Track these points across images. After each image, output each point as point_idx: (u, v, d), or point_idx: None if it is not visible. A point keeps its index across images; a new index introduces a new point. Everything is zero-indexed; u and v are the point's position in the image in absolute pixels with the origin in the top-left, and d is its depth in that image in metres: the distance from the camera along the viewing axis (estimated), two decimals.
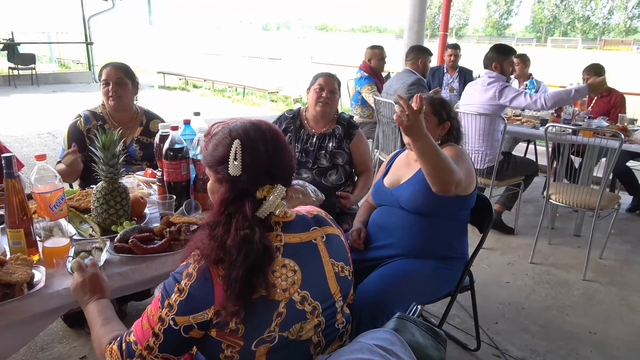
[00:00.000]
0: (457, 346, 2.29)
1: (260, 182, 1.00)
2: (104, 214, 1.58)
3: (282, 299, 1.00)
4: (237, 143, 0.99)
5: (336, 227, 1.18)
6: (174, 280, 0.99)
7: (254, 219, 0.98)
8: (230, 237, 0.96)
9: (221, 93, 11.84)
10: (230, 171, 0.99)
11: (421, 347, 1.01)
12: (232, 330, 0.97)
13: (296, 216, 1.11)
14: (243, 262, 0.94)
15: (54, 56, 16.96)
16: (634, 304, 2.71)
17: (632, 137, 3.32)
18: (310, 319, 1.04)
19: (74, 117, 2.37)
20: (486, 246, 3.39)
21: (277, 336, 1.00)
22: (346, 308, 1.19)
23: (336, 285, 1.11)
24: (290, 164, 1.06)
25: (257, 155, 1.00)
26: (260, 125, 1.05)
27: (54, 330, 2.28)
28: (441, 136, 1.93)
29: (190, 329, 0.97)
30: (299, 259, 1.04)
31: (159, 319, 0.98)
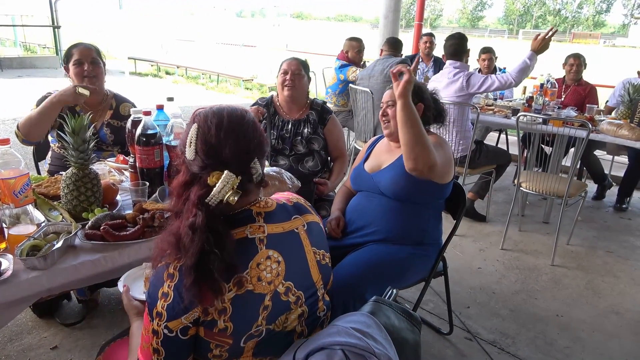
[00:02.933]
0: (431, 330, 2.33)
1: (209, 167, 0.96)
2: (74, 201, 1.54)
3: (267, 291, 0.99)
4: (194, 127, 0.98)
5: (315, 214, 1.18)
6: (156, 286, 0.95)
7: (201, 204, 0.94)
8: (182, 226, 0.93)
9: (195, 80, 11.62)
10: (187, 155, 0.98)
11: (397, 330, 1.03)
12: (220, 329, 0.95)
13: (277, 205, 1.09)
14: (190, 248, 0.91)
15: (19, 40, 16.28)
16: (598, 288, 2.82)
17: (598, 127, 3.42)
18: (294, 309, 1.04)
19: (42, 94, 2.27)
20: (459, 233, 3.46)
21: (264, 330, 0.99)
22: (326, 295, 1.19)
23: (318, 274, 1.10)
24: (247, 149, 0.99)
25: (210, 139, 0.96)
26: (222, 109, 1.01)
27: (23, 321, 2.22)
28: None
29: (187, 329, 0.94)
30: (283, 249, 1.03)
31: (153, 332, 0.94)
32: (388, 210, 1.85)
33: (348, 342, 0.90)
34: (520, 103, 4.02)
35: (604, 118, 3.60)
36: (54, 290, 1.29)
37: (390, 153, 1.95)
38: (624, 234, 3.63)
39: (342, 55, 4.78)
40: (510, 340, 2.29)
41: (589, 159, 4.19)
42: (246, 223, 1.01)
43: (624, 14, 67.23)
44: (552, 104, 3.87)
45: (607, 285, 2.85)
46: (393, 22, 6.91)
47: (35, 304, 2.22)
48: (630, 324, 2.47)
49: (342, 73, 4.71)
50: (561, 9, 68.81)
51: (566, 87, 4.45)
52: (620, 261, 3.18)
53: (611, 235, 3.58)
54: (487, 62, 4.91)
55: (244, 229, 1.00)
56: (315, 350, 0.90)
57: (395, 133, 1.92)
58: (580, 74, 4.36)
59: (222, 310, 0.94)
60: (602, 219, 3.92)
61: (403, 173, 1.80)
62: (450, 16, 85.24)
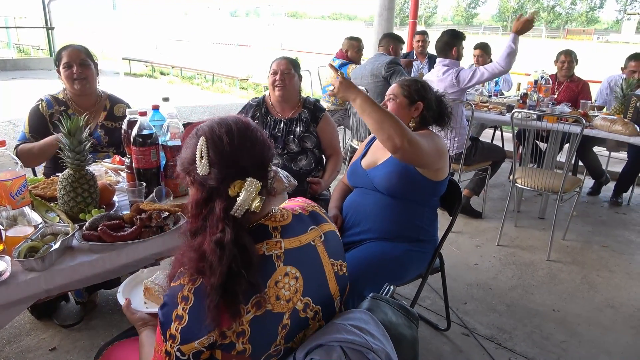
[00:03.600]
0: (428, 327, 2.35)
1: (229, 177, 0.93)
2: (71, 202, 1.54)
3: (286, 310, 0.96)
4: (202, 140, 0.94)
5: (331, 222, 1.14)
6: (170, 308, 0.91)
7: (227, 219, 0.91)
8: (206, 242, 0.90)
9: (190, 80, 11.60)
10: (199, 170, 0.94)
11: (394, 326, 1.04)
12: (239, 352, 0.92)
13: (293, 217, 1.05)
14: (217, 267, 0.87)
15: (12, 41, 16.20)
16: (594, 282, 2.84)
17: (592, 122, 3.44)
18: (312, 325, 1.01)
19: (34, 101, 2.28)
20: (455, 230, 3.47)
21: (282, 349, 0.97)
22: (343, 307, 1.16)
23: (335, 286, 1.08)
24: (262, 155, 0.98)
25: (222, 149, 0.93)
26: (227, 118, 0.99)
27: (21, 323, 2.22)
28: (414, 118, 1.92)
29: (200, 354, 0.91)
30: (300, 264, 1.00)
31: (166, 353, 0.92)
32: (383, 207, 1.85)
33: (346, 338, 0.90)
34: (514, 99, 4.04)
35: (597, 114, 3.62)
36: (52, 291, 1.29)
37: (386, 150, 1.95)
38: (619, 228, 3.66)
39: (341, 54, 4.79)
40: (507, 336, 2.30)
41: (587, 155, 4.21)
42: (263, 239, 0.97)
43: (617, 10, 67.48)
44: (546, 100, 3.89)
45: (602, 280, 2.87)
46: (387, 20, 6.92)
47: (33, 305, 2.21)
48: (625, 318, 2.49)
49: (342, 71, 4.70)
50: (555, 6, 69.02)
51: (559, 84, 4.47)
52: (615, 255, 3.20)
53: (606, 230, 3.61)
54: (477, 58, 4.93)
55: (260, 245, 0.96)
56: (314, 348, 0.91)
57: None
58: (572, 70, 4.38)
59: (241, 332, 0.91)
60: (597, 214, 3.94)
61: (396, 170, 1.81)
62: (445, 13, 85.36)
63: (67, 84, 2.25)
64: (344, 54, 4.79)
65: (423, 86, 1.92)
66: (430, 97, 1.93)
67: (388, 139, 1.60)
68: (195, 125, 1.01)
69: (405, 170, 1.80)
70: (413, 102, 1.90)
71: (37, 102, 2.26)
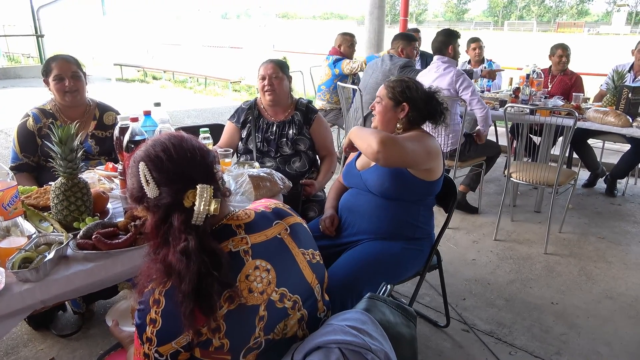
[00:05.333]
0: (428, 324, 2.35)
1: (180, 190, 0.95)
2: (64, 211, 1.53)
3: (260, 302, 0.98)
4: (142, 165, 0.97)
5: (297, 216, 1.17)
6: (143, 313, 0.94)
7: (189, 228, 0.94)
8: (170, 253, 0.92)
9: (182, 84, 11.56)
10: (149, 194, 0.96)
11: (392, 325, 1.03)
12: (216, 347, 0.94)
13: (255, 214, 1.08)
14: (186, 274, 0.89)
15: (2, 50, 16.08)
16: (591, 274, 2.85)
17: (585, 114, 3.45)
18: (292, 314, 1.03)
19: (21, 117, 2.26)
20: (452, 226, 3.48)
21: (262, 341, 0.98)
22: (325, 295, 1.19)
23: (311, 274, 1.10)
24: (204, 161, 1.00)
25: (164, 166, 0.96)
26: (159, 138, 1.01)
27: (19, 334, 2.20)
28: (401, 119, 1.88)
29: (177, 354, 0.94)
30: (269, 257, 1.02)
31: (144, 355, 0.94)
32: (376, 208, 1.85)
33: (344, 340, 0.90)
34: (507, 94, 4.05)
35: (590, 106, 3.63)
36: (48, 301, 1.28)
37: None
38: (615, 219, 3.67)
39: (335, 50, 4.79)
40: (506, 330, 2.30)
41: (582, 148, 4.23)
42: (228, 237, 1.00)
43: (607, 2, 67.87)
44: (539, 94, 3.90)
45: (599, 271, 2.88)
46: (378, 18, 6.93)
47: (30, 316, 2.19)
48: (624, 308, 2.50)
49: (336, 67, 4.69)
50: None
51: (552, 77, 4.49)
52: (612, 246, 3.21)
53: (602, 222, 3.62)
54: (477, 51, 4.94)
55: (226, 243, 0.99)
56: (312, 350, 0.91)
57: (378, 127, 1.94)
58: (567, 64, 4.40)
59: (216, 328, 0.93)
60: (593, 206, 3.95)
61: (388, 172, 1.81)
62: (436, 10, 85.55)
63: (57, 96, 2.24)
64: (337, 49, 4.79)
65: (408, 86, 1.87)
66: (416, 96, 1.87)
67: (367, 147, 1.68)
68: (131, 156, 1.03)
69: (397, 172, 1.79)
70: (398, 103, 1.87)
71: (24, 118, 2.25)
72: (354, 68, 4.59)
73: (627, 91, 3.35)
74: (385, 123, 1.90)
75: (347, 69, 4.62)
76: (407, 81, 1.89)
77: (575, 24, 61.97)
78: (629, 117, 3.22)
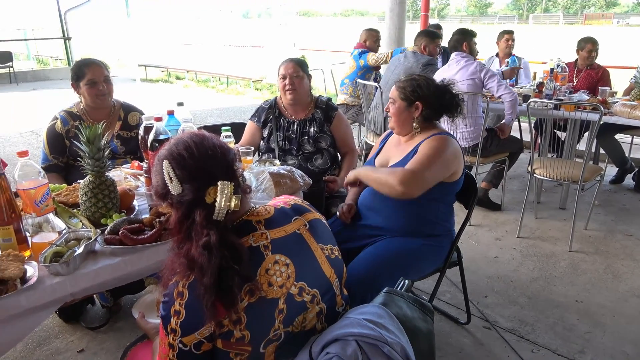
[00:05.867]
0: (449, 321, 2.34)
1: (202, 187, 0.99)
2: (92, 208, 1.59)
3: (280, 295, 1.00)
4: (166, 163, 1.00)
5: (316, 212, 1.19)
6: (167, 305, 0.98)
7: (210, 223, 0.97)
8: (193, 248, 0.95)
9: (205, 83, 11.72)
10: (173, 191, 1.00)
11: (409, 319, 1.05)
12: (237, 338, 0.97)
13: (275, 211, 1.11)
14: (208, 267, 0.93)
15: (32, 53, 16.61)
16: (617, 272, 2.79)
17: (612, 109, 3.37)
18: (311, 308, 1.06)
19: (50, 119, 2.35)
20: (474, 223, 3.45)
21: (282, 333, 1.01)
22: (344, 289, 1.21)
23: (330, 269, 1.12)
24: (224, 158, 1.03)
25: (186, 164, 1.00)
26: (182, 137, 1.05)
27: (50, 326, 2.29)
28: (416, 118, 1.87)
29: (201, 345, 0.97)
30: (289, 251, 1.05)
31: (169, 346, 0.98)
32: (394, 206, 1.85)
33: (361, 332, 0.92)
34: (530, 89, 3.98)
35: (617, 100, 3.54)
36: (77, 294, 1.34)
37: (399, 147, 1.95)
38: None
39: (360, 45, 4.87)
40: (529, 328, 2.28)
41: (609, 143, 4.13)
42: (248, 232, 1.03)
43: None
44: (563, 88, 3.82)
45: (626, 269, 2.82)
46: (399, 15, 6.87)
47: (60, 309, 2.29)
48: None
49: (362, 59, 4.74)
50: None
51: (578, 71, 4.40)
52: (639, 244, 3.14)
53: (630, 218, 3.53)
54: (510, 42, 4.88)
55: (247, 238, 1.02)
56: (330, 342, 0.93)
57: (395, 128, 1.96)
58: (596, 58, 4.31)
59: (237, 320, 0.96)
60: (620, 202, 3.86)
61: None
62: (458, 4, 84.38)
63: (88, 99, 2.32)
64: (363, 44, 4.86)
65: (419, 85, 1.86)
66: (428, 93, 1.85)
67: (391, 190, 1.73)
68: (156, 154, 1.07)
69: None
70: (411, 103, 1.86)
71: (52, 121, 2.34)
72: (379, 59, 4.65)
73: None
74: (401, 124, 1.90)
75: (372, 60, 4.68)
76: (417, 79, 1.87)
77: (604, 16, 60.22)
78: None
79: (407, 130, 1.90)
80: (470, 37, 3.60)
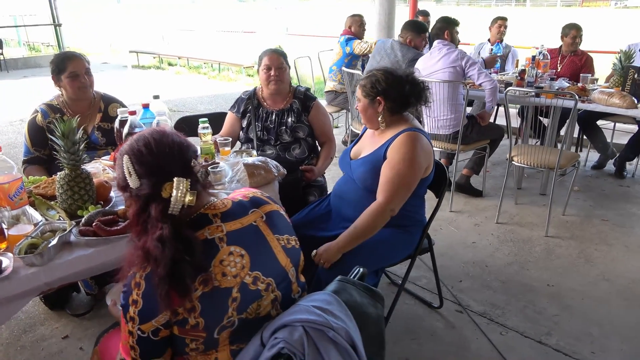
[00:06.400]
0: (423, 305, 2.42)
1: (159, 182, 1.03)
2: (69, 200, 1.64)
3: (234, 284, 1.06)
4: (126, 159, 1.06)
5: (274, 204, 1.24)
6: (126, 294, 1.04)
7: (165, 217, 1.02)
8: (148, 241, 1.01)
9: (197, 70, 11.67)
10: (131, 185, 1.06)
11: (359, 306, 1.11)
12: (192, 325, 1.03)
13: (232, 204, 1.15)
14: (162, 259, 0.98)
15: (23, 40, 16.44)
16: (591, 256, 2.87)
17: (590, 96, 3.42)
18: (265, 296, 1.11)
19: (31, 113, 2.39)
20: (455, 209, 3.52)
21: (236, 320, 1.07)
22: (301, 276, 1.27)
23: (286, 258, 1.17)
24: (182, 155, 1.08)
25: (145, 160, 1.05)
26: (143, 132, 1.10)
27: (36, 313, 2.36)
28: (380, 112, 1.90)
29: (158, 331, 1.03)
30: (244, 243, 1.10)
31: (129, 333, 1.05)
32: (363, 197, 1.90)
33: (307, 319, 0.98)
34: (513, 76, 4.02)
35: (596, 87, 3.59)
36: (52, 284, 1.40)
37: (372, 140, 1.99)
38: (621, 201, 3.66)
39: (347, 31, 4.89)
40: (499, 311, 2.36)
41: (591, 129, 4.19)
42: (204, 225, 1.08)
43: None
44: (545, 75, 3.86)
45: (599, 254, 2.90)
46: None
47: (46, 296, 2.36)
48: (619, 290, 2.53)
49: (348, 46, 4.77)
50: None
51: (562, 58, 4.43)
52: (615, 229, 3.22)
53: (608, 204, 3.61)
54: (502, 29, 4.87)
55: (203, 231, 1.07)
56: (279, 328, 0.99)
57: (366, 124, 2.02)
58: (580, 44, 4.33)
59: (191, 308, 1.02)
60: (600, 188, 3.94)
61: (371, 169, 1.87)
62: None
63: (70, 92, 2.35)
64: (348, 30, 4.89)
65: (377, 80, 1.88)
66: (387, 87, 1.87)
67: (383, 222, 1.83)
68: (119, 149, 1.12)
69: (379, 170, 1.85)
70: (373, 99, 1.90)
71: (33, 114, 2.37)
72: (364, 48, 4.69)
73: (634, 72, 3.31)
74: (369, 120, 1.95)
75: (357, 49, 4.71)
76: (375, 75, 1.90)
77: None
78: (634, 99, 3.18)
79: (377, 125, 1.95)
80: (453, 26, 3.65)
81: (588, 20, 5.22)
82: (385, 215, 1.82)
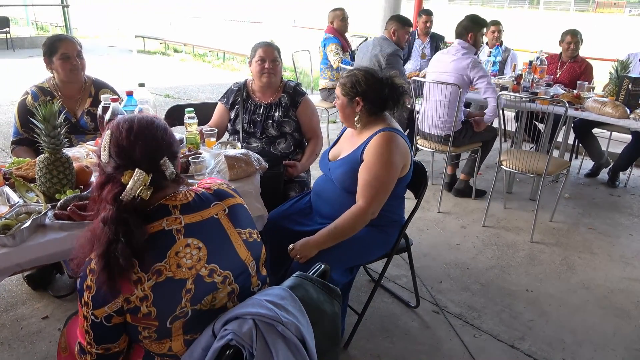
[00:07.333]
0: (400, 303, 2.44)
1: (122, 167, 1.05)
2: (47, 183, 1.66)
3: (188, 276, 1.07)
4: (108, 133, 1.08)
5: (238, 197, 1.25)
6: (82, 280, 1.07)
7: (115, 200, 1.04)
8: (96, 221, 1.04)
9: (202, 57, 11.66)
10: (102, 158, 1.08)
11: (314, 302, 1.13)
12: (144, 314, 1.05)
13: (195, 196, 1.16)
14: (100, 238, 1.01)
15: (31, 19, 16.45)
16: (573, 264, 2.88)
17: (584, 104, 3.41)
18: (222, 288, 1.13)
19: (21, 94, 2.41)
20: (443, 210, 3.54)
21: (189, 310, 1.08)
22: (263, 269, 1.29)
23: (246, 251, 1.19)
24: (154, 151, 1.09)
25: (120, 142, 1.06)
26: (134, 116, 1.11)
27: (18, 293, 2.40)
28: (357, 112, 1.91)
29: (111, 318, 1.05)
30: (202, 236, 1.11)
31: (84, 317, 1.07)
32: (340, 196, 1.92)
33: (258, 312, 1.00)
34: (509, 81, 4.01)
35: (591, 95, 3.58)
36: (23, 265, 1.42)
37: (351, 142, 1.99)
38: (610, 210, 3.66)
39: (329, 28, 4.87)
40: (476, 314, 2.38)
41: (586, 137, 4.18)
42: (162, 216, 1.09)
43: None
44: (541, 81, 3.85)
45: (582, 262, 2.91)
46: None
47: (29, 276, 2.40)
48: (597, 299, 2.54)
49: (324, 46, 4.80)
50: None
51: (562, 64, 4.41)
52: (600, 238, 3.22)
53: (597, 212, 3.61)
54: (495, 34, 4.84)
55: (160, 222, 1.09)
56: (230, 320, 1.01)
57: (344, 123, 2.02)
58: (577, 51, 4.31)
59: (144, 297, 1.04)
60: (591, 196, 3.94)
61: (349, 170, 1.88)
62: None
63: (61, 74, 2.37)
64: (331, 26, 4.90)
65: (357, 80, 1.88)
66: (367, 89, 1.87)
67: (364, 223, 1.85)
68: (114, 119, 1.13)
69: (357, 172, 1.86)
70: (352, 99, 1.90)
71: (23, 96, 2.40)
72: (333, 60, 4.74)
73: (628, 82, 3.29)
74: (347, 118, 1.96)
75: (329, 57, 4.75)
76: (356, 75, 1.89)
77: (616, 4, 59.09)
78: (627, 109, 3.17)
79: (352, 124, 1.96)
80: (479, 28, 3.48)
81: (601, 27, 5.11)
82: (366, 218, 1.84)
